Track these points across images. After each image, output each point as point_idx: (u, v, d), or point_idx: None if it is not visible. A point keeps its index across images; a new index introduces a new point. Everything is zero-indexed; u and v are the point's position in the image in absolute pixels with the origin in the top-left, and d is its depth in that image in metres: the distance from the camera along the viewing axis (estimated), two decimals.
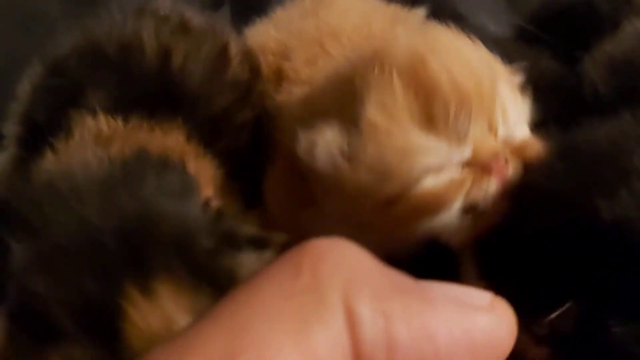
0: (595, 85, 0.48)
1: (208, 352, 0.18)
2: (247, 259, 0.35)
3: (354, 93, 0.39)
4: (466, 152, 0.39)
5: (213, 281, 0.32)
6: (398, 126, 0.38)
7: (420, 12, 0.63)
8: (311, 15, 0.51)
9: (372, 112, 0.38)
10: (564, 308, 0.32)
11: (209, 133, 0.43)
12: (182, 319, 0.30)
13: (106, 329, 0.30)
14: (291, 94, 0.48)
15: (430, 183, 0.38)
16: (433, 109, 0.38)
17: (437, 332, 0.21)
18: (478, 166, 0.39)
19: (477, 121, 0.39)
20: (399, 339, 0.20)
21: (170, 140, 0.41)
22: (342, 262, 0.21)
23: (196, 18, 0.49)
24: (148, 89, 0.43)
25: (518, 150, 0.40)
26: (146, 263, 0.31)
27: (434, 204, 0.38)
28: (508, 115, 0.41)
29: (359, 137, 0.38)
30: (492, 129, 0.40)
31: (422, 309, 0.21)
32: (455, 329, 0.21)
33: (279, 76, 0.49)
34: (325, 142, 0.39)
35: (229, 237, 0.35)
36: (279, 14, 0.55)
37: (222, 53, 0.47)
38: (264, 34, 0.53)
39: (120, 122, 0.41)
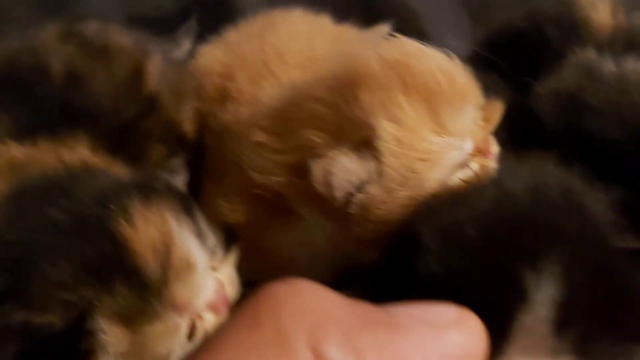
0: (542, 121, 0.49)
1: None
2: None
3: (350, 116, 0.39)
4: (469, 143, 0.41)
5: None
6: (416, 135, 0.38)
7: (383, 29, 0.65)
8: (257, 38, 0.53)
9: (389, 130, 0.38)
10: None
11: (114, 141, 0.45)
12: None
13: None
14: (238, 114, 0.49)
15: (457, 177, 0.40)
16: (438, 109, 0.39)
17: (412, 358, 0.21)
18: (479, 153, 0.41)
19: (472, 112, 0.41)
20: None
21: (78, 155, 0.43)
22: (302, 306, 0.20)
23: (119, 40, 0.51)
24: (51, 110, 0.45)
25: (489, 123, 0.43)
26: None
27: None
28: None
29: (380, 158, 0.38)
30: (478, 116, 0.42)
31: (392, 338, 0.21)
32: (429, 351, 0.21)
33: (224, 96, 0.50)
34: (342, 170, 0.38)
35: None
36: (228, 36, 0.57)
37: (136, 70, 0.49)
38: (211, 56, 0.55)
39: (29, 147, 0.42)
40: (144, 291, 0.34)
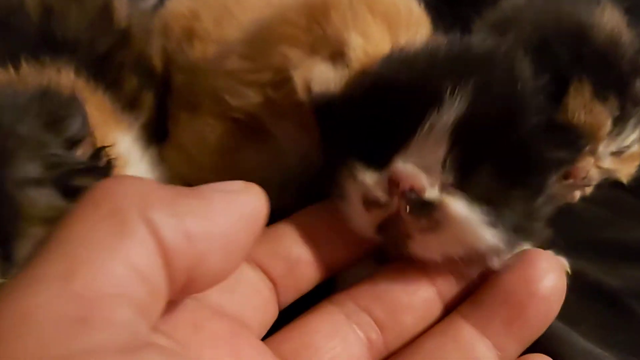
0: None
1: (51, 274, 0.23)
2: None
3: (322, 34, 0.44)
4: None
5: None
6: (379, 50, 0.43)
7: None
8: None
9: (359, 42, 0.43)
10: None
11: (93, 71, 0.50)
12: None
13: None
14: (206, 51, 0.55)
15: None
16: (397, 31, 0.45)
17: (218, 215, 0.28)
18: None
19: (424, 38, 0.45)
20: (191, 229, 0.26)
21: (62, 77, 0.47)
22: (131, 190, 0.26)
23: None
24: (31, 40, 0.50)
25: None
26: None
27: None
28: None
29: (350, 65, 0.42)
30: None
31: (201, 203, 0.27)
32: (231, 210, 0.28)
33: (191, 36, 0.57)
34: (320, 77, 0.42)
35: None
36: None
37: (105, 7, 0.55)
38: (179, 2, 0.61)
39: (12, 71, 0.47)
40: None
